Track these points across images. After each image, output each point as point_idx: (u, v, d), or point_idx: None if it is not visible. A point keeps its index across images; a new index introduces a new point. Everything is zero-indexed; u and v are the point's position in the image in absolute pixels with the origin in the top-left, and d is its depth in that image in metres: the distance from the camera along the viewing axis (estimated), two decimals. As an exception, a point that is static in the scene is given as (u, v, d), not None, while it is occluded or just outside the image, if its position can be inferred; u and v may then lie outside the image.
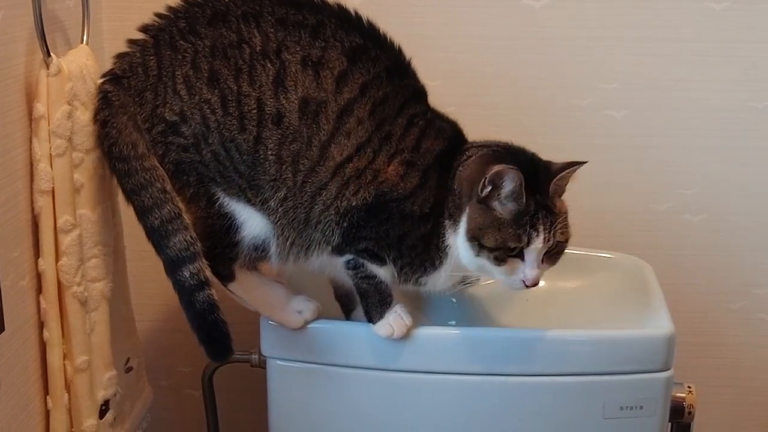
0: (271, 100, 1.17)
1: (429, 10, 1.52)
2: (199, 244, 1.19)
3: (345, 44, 1.19)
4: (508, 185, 1.14)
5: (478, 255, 1.17)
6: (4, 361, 1.13)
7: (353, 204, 1.19)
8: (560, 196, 1.20)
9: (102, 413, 1.28)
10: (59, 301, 1.20)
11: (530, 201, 1.15)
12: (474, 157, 1.20)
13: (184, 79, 1.18)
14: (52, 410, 1.22)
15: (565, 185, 1.20)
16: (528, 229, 1.15)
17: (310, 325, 1.26)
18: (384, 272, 1.25)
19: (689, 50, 1.54)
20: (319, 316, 1.27)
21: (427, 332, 1.26)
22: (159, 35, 1.21)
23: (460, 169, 1.20)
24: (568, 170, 1.18)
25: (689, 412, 1.32)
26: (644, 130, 1.57)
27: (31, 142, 1.17)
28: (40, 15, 1.16)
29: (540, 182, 1.16)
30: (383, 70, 1.20)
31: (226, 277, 1.26)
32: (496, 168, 1.13)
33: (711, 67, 1.54)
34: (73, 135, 1.19)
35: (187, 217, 1.20)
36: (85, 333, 1.23)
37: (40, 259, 1.19)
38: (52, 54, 1.17)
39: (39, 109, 1.16)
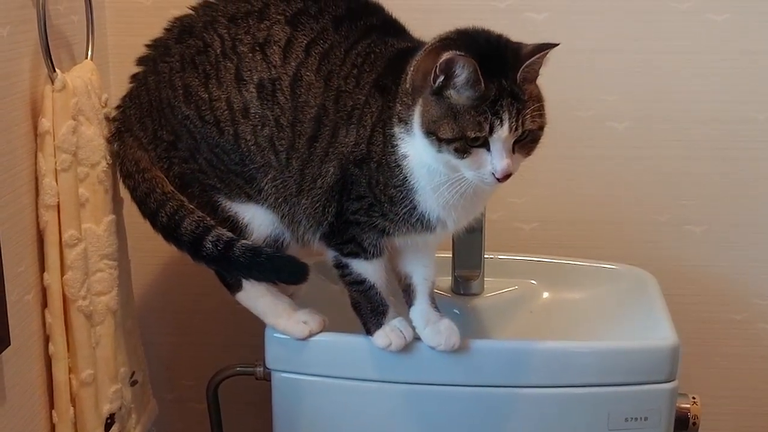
0: (237, 96, 1.20)
1: (431, 22, 1.53)
2: (209, 220, 1.22)
3: (288, 14, 1.20)
4: (461, 74, 1.06)
5: (439, 150, 1.09)
6: (9, 375, 1.13)
7: (328, 182, 1.19)
8: (533, 81, 1.11)
9: (107, 427, 1.29)
10: (64, 315, 1.20)
11: (491, 86, 1.06)
12: (425, 50, 1.13)
13: (168, 101, 1.23)
14: (57, 424, 1.23)
15: (538, 69, 1.11)
16: (490, 117, 1.05)
17: (314, 338, 1.26)
18: (372, 269, 1.24)
19: (691, 61, 1.54)
20: (324, 329, 1.27)
21: (431, 344, 1.26)
22: (147, 64, 1.27)
23: (411, 68, 1.13)
24: (538, 55, 1.08)
25: (693, 423, 1.31)
26: (646, 141, 1.57)
27: (36, 157, 1.18)
28: (45, 31, 1.17)
29: (507, 67, 1.07)
30: (329, 21, 1.19)
31: (233, 285, 1.28)
32: (446, 56, 1.05)
33: (712, 77, 1.54)
34: (78, 150, 1.20)
35: (190, 206, 1.23)
36: (91, 347, 1.24)
37: (45, 273, 1.19)
38: (56, 69, 1.18)
39: (44, 124, 1.17)
